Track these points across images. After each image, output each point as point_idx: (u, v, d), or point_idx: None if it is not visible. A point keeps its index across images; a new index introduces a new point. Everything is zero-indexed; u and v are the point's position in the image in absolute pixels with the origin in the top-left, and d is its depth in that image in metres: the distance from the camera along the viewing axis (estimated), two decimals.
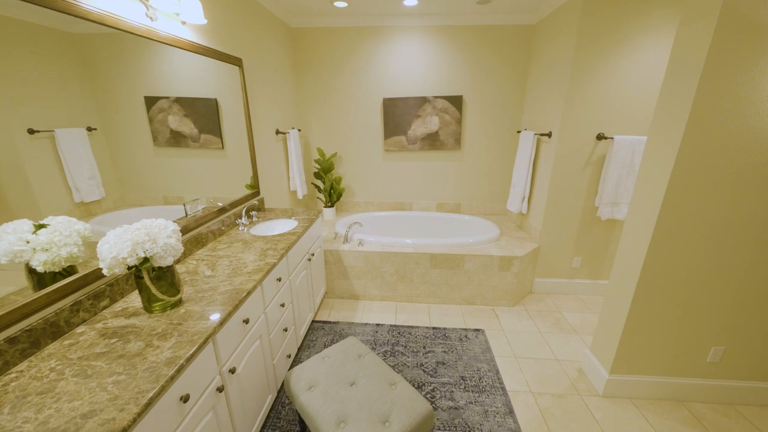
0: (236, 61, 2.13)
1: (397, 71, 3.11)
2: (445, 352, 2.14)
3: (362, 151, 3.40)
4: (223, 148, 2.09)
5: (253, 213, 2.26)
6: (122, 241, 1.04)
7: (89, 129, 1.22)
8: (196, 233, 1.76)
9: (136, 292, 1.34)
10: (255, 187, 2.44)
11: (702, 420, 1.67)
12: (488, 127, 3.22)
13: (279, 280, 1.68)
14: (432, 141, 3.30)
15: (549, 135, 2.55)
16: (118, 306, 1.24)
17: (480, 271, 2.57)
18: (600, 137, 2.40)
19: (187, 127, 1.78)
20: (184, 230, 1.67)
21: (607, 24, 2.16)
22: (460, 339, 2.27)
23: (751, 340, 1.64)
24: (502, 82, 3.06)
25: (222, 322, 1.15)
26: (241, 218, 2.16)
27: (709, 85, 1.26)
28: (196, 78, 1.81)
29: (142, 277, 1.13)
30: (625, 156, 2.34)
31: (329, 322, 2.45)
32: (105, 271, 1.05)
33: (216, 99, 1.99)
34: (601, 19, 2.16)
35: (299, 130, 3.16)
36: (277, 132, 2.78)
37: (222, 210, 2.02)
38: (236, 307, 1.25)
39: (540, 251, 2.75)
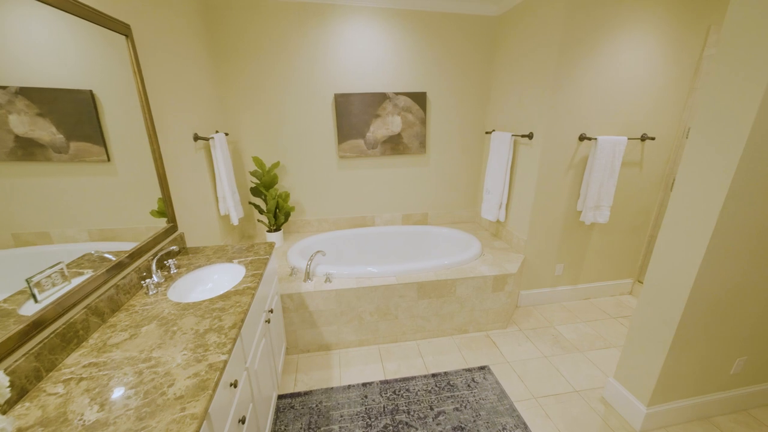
0: (120, 28, 1.35)
1: (350, 62, 2.57)
2: (457, 409, 1.72)
3: (311, 158, 2.77)
4: (108, 160, 1.32)
5: (171, 262, 1.49)
6: None
7: None
8: (64, 324, 0.98)
9: None
10: (170, 220, 1.65)
11: None
12: (455, 128, 2.91)
13: (234, 385, 1.02)
14: (394, 144, 2.86)
15: (530, 136, 2.32)
16: None
17: (473, 295, 2.22)
18: (582, 138, 2.25)
19: (46, 131, 1.07)
20: (37, 325, 0.89)
21: (592, 20, 1.99)
22: (468, 385, 1.87)
23: None
24: (468, 78, 2.77)
25: None
26: (151, 276, 1.39)
27: None
28: (56, 57, 1.10)
29: None
30: (607, 157, 2.24)
31: (299, 395, 1.81)
32: None
33: (91, 91, 1.25)
34: (587, 15, 1.97)
35: (227, 135, 2.38)
36: (197, 137, 1.99)
37: (118, 266, 1.24)
38: None
39: (525, 262, 2.53)
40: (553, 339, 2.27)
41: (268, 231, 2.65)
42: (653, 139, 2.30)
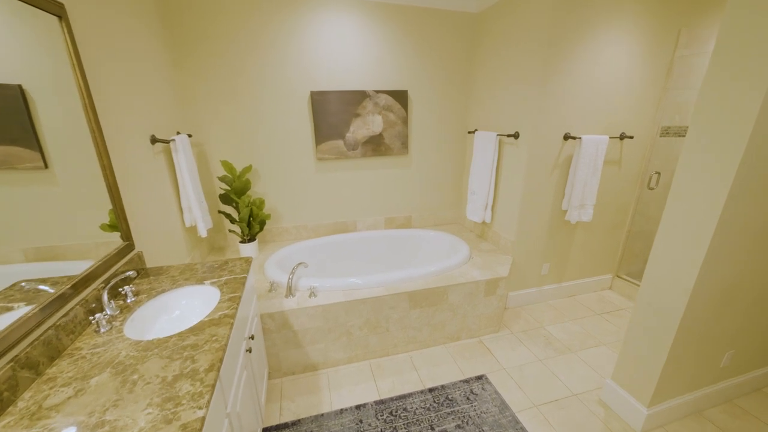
0: (51, 6, 1.10)
1: (327, 57, 2.39)
2: (459, 426, 1.62)
3: (287, 161, 2.57)
4: (46, 167, 1.11)
5: (127, 289, 1.26)
6: None
7: None
8: None
9: None
10: (125, 237, 1.40)
11: (726, 430, 1.60)
12: (437, 128, 2.83)
13: None
14: (375, 145, 2.72)
15: (515, 136, 2.28)
16: None
17: (465, 301, 2.14)
18: (567, 137, 2.25)
19: None
20: None
21: (574, 20, 1.97)
22: (467, 398, 1.78)
23: (757, 337, 1.65)
24: (450, 77, 2.69)
25: None
26: (102, 309, 1.15)
27: None
28: None
29: None
30: (591, 156, 2.25)
31: (286, 426, 1.63)
32: None
33: (20, 86, 1.03)
34: (569, 15, 1.95)
35: (190, 136, 2.13)
36: (155, 140, 1.74)
37: (58, 300, 1.00)
38: None
39: (513, 263, 2.49)
40: (545, 340, 2.25)
41: (241, 242, 2.41)
42: (632, 137, 2.35)
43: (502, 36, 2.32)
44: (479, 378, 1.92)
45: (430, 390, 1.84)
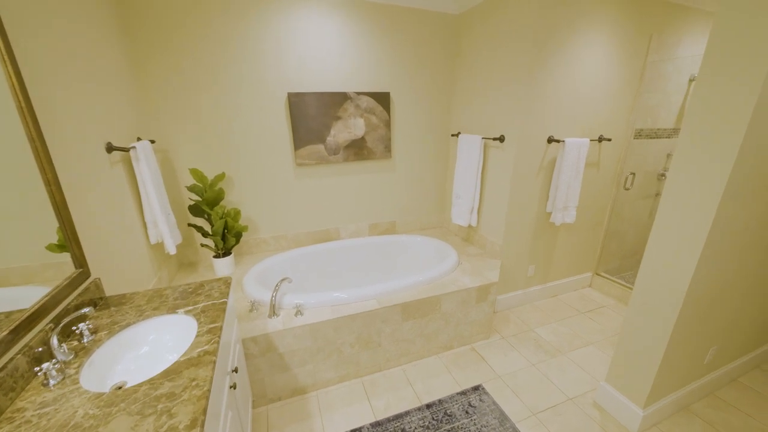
0: None
1: (305, 56, 2.25)
2: None
3: (264, 167, 2.39)
4: None
5: (82, 326, 1.06)
6: None
7: None
8: None
9: None
10: (78, 263, 1.20)
11: (714, 424, 1.66)
12: (420, 131, 2.76)
13: None
14: (358, 149, 2.61)
15: (501, 139, 2.26)
16: None
17: (457, 309, 2.09)
18: (550, 140, 2.26)
19: None
20: None
21: (555, 22, 1.97)
22: (466, 411, 1.73)
23: (740, 331, 1.72)
24: (432, 79, 2.64)
25: None
26: (52, 355, 0.96)
27: None
28: None
29: None
30: (574, 159, 2.28)
31: None
32: None
33: None
34: (553, 16, 1.95)
35: (153, 142, 1.91)
36: (111, 148, 1.52)
37: None
38: None
39: (501, 266, 2.48)
40: (535, 344, 2.25)
41: (215, 256, 2.21)
42: (610, 140, 2.41)
43: (484, 38, 2.30)
44: (476, 389, 1.87)
45: (428, 406, 1.76)
